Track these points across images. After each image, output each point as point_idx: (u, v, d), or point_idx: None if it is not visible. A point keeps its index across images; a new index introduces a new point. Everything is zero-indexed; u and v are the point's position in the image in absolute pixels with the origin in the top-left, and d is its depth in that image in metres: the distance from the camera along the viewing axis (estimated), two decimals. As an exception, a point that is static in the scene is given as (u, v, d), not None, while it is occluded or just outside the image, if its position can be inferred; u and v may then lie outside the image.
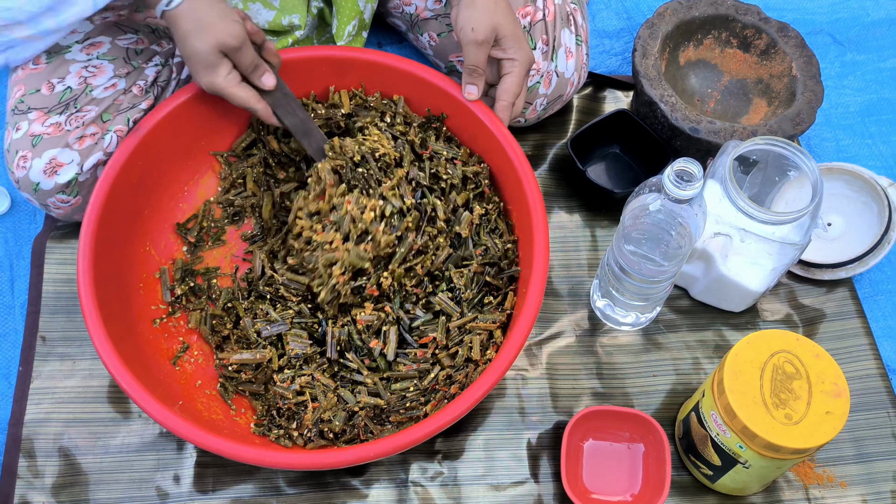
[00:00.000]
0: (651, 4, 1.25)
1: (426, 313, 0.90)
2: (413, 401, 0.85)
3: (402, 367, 0.88)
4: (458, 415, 0.76)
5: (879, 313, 1.02)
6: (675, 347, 0.98)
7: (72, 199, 0.91)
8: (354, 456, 0.75)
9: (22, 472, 0.88)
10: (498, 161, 0.92)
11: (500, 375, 0.78)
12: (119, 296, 0.86)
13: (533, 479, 0.90)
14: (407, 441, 0.75)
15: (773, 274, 0.91)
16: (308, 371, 0.87)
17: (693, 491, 0.89)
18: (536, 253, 0.83)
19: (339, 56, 0.95)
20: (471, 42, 0.85)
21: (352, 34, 1.05)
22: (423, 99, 0.96)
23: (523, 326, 0.80)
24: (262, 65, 0.86)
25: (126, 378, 0.76)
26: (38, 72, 0.90)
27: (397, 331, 0.88)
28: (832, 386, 0.75)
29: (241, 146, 0.98)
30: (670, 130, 1.02)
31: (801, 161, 0.84)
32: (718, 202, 0.87)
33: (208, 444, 0.74)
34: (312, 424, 0.84)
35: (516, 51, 0.86)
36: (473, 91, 0.90)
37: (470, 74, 0.88)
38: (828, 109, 1.17)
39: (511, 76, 0.87)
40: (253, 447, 0.75)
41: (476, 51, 0.85)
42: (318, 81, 0.97)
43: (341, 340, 0.88)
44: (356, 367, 0.88)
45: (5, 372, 0.95)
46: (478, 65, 0.87)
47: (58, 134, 0.88)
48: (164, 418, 0.75)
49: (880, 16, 1.25)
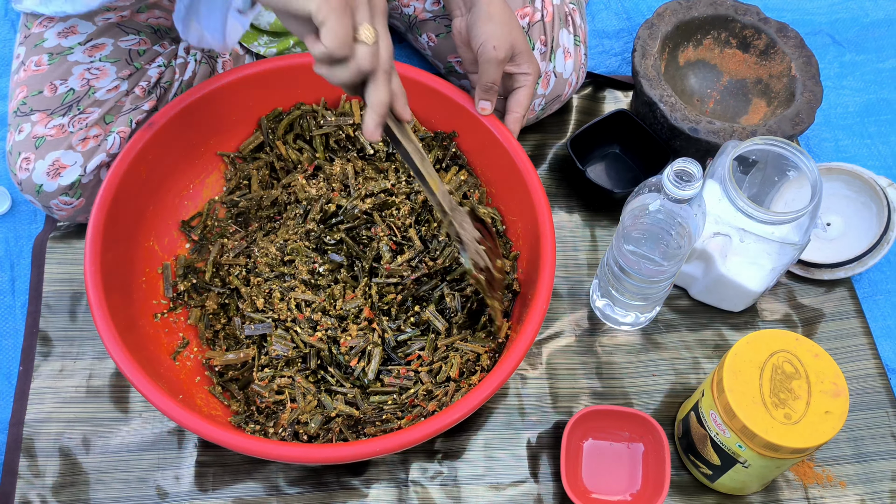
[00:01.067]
0: (650, 5, 1.25)
1: (414, 329, 0.89)
2: (390, 413, 0.84)
3: (385, 380, 0.87)
4: (462, 414, 0.76)
5: (878, 313, 1.02)
6: (675, 347, 0.98)
7: (75, 200, 0.91)
8: (360, 451, 0.75)
9: (22, 472, 0.88)
10: (507, 175, 0.92)
11: (504, 378, 0.78)
12: (122, 289, 0.85)
13: (533, 479, 0.90)
14: (409, 439, 0.75)
15: (773, 274, 0.91)
16: (289, 373, 0.87)
17: (692, 490, 0.89)
18: (542, 280, 0.82)
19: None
20: (493, 60, 0.84)
21: None
22: (431, 110, 0.96)
23: (524, 340, 0.79)
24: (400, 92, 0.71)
25: (133, 369, 0.76)
26: (41, 73, 0.90)
27: (381, 352, 0.87)
28: (831, 385, 0.76)
29: (248, 148, 0.98)
30: (670, 130, 1.02)
31: (801, 161, 0.84)
32: (718, 202, 0.87)
33: (214, 435, 0.74)
34: (288, 424, 0.84)
35: (529, 65, 0.87)
36: (488, 107, 0.89)
37: (486, 91, 0.88)
38: (827, 110, 1.17)
39: (524, 89, 0.88)
40: (258, 440, 0.75)
41: (496, 69, 0.85)
42: (329, 89, 0.97)
43: (322, 356, 0.88)
44: (337, 380, 0.87)
45: (6, 372, 0.95)
46: (495, 82, 0.87)
47: (61, 136, 0.88)
48: (170, 410, 0.75)
49: (879, 16, 1.25)
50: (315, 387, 0.87)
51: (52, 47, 0.91)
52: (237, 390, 0.88)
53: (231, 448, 0.74)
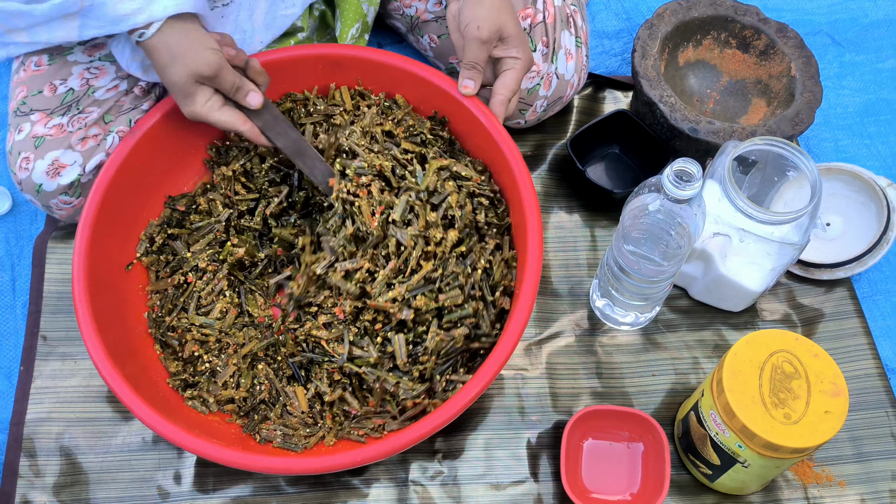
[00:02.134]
0: (650, 5, 1.25)
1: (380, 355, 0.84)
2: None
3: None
4: (452, 415, 0.76)
5: (878, 313, 1.02)
6: (675, 347, 0.98)
7: (74, 200, 0.91)
8: (349, 460, 0.75)
9: (23, 472, 0.88)
10: (494, 162, 0.91)
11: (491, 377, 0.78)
12: (113, 302, 0.87)
13: (533, 479, 0.90)
14: (406, 441, 0.75)
15: (772, 274, 0.91)
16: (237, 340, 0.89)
17: (692, 490, 0.90)
18: (529, 261, 0.82)
19: (335, 54, 0.95)
20: (475, 39, 0.84)
21: (355, 37, 1.05)
22: (418, 96, 0.96)
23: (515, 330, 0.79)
24: (245, 85, 0.85)
25: (124, 390, 0.77)
26: (41, 73, 0.90)
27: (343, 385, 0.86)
28: (831, 385, 0.76)
29: (198, 191, 0.97)
30: (669, 131, 1.02)
31: (800, 161, 0.84)
32: (718, 202, 0.87)
33: (204, 451, 0.75)
34: (222, 386, 0.86)
35: (519, 50, 0.86)
36: (470, 85, 0.89)
37: (469, 70, 0.88)
38: (826, 110, 1.17)
39: (512, 72, 0.87)
40: (248, 453, 0.76)
41: (479, 48, 0.85)
42: (314, 79, 0.97)
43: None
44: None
45: (7, 372, 0.95)
46: (478, 62, 0.87)
47: (60, 135, 0.88)
48: (160, 426, 0.76)
49: (878, 17, 1.25)
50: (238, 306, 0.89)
51: (52, 48, 0.92)
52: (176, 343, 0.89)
53: (225, 464, 0.76)
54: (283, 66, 0.93)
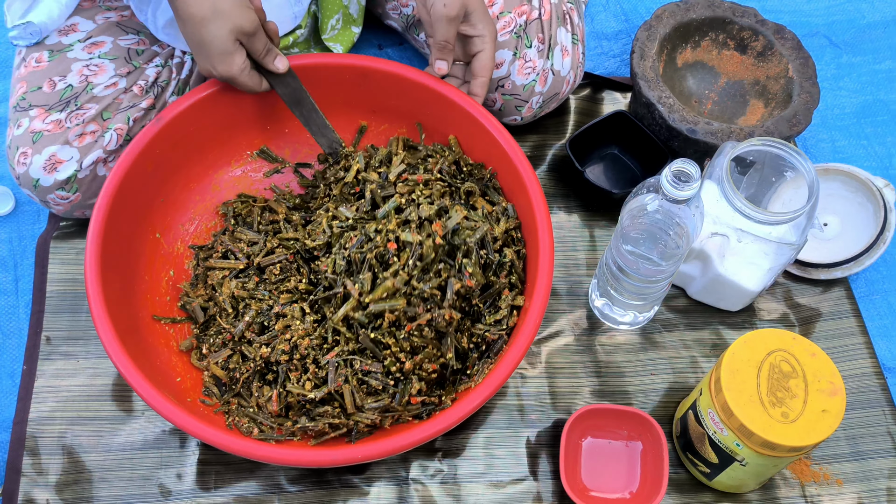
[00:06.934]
0: (649, 6, 1.26)
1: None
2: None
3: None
4: (459, 417, 0.77)
5: (875, 312, 1.02)
6: (673, 346, 0.98)
7: (71, 195, 0.92)
8: (358, 454, 0.76)
9: (26, 470, 0.88)
10: (503, 170, 0.92)
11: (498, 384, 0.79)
12: (123, 281, 0.86)
13: (532, 477, 0.90)
14: (408, 442, 0.76)
15: (770, 273, 0.92)
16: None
17: (690, 488, 0.90)
18: (541, 261, 0.83)
19: (362, 66, 0.95)
20: (442, 18, 0.85)
21: (336, 28, 1.06)
22: (416, 106, 0.96)
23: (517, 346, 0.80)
24: (273, 48, 0.86)
25: (134, 375, 0.77)
26: (41, 69, 0.91)
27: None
28: (828, 384, 0.76)
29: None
30: (668, 131, 1.03)
31: (798, 162, 0.84)
32: (716, 203, 0.87)
33: (216, 440, 0.75)
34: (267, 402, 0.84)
35: (484, 26, 0.88)
36: (444, 66, 0.90)
37: (440, 50, 0.89)
38: (824, 111, 1.18)
39: (484, 52, 0.89)
40: (259, 444, 0.76)
41: (447, 26, 0.86)
42: (340, 89, 0.97)
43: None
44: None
45: (10, 371, 0.96)
46: (448, 40, 0.88)
47: (58, 131, 0.89)
48: (171, 415, 0.76)
49: (875, 18, 1.26)
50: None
51: (52, 44, 0.92)
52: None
53: (236, 454, 0.76)
54: (304, 73, 0.93)
